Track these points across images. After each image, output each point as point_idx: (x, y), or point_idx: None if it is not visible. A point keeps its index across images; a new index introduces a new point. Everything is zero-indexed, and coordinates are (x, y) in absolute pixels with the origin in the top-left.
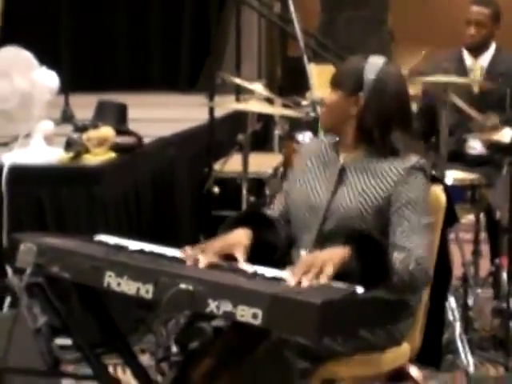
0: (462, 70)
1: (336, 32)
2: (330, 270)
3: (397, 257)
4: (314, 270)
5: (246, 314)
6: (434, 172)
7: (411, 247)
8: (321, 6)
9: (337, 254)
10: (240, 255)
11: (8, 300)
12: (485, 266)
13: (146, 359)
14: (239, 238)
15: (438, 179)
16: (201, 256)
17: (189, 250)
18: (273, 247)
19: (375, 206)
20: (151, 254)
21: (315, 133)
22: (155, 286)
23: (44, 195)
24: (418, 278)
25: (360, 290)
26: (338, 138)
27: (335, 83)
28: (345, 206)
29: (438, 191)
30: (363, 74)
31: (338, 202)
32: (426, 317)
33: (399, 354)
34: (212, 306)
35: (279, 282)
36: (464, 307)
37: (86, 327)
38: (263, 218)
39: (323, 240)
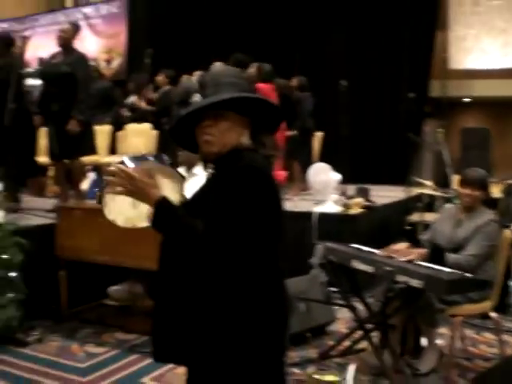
0: None
1: None
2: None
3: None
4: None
5: (415, 283)
6: None
7: None
8: None
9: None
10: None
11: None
12: None
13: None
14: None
15: None
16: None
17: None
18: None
19: None
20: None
21: None
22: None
23: None
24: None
25: (467, 275)
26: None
27: None
28: None
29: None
30: None
31: None
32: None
33: (488, 304)
34: (401, 279)
35: (431, 268)
36: None
37: (342, 285)
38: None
39: None
